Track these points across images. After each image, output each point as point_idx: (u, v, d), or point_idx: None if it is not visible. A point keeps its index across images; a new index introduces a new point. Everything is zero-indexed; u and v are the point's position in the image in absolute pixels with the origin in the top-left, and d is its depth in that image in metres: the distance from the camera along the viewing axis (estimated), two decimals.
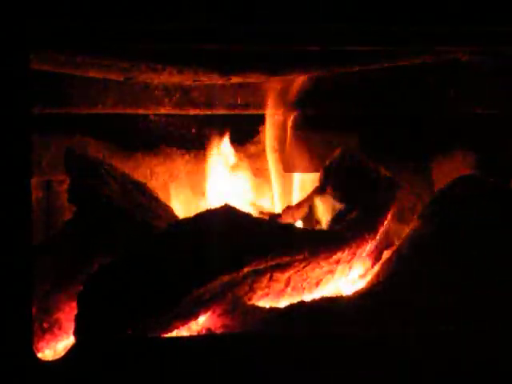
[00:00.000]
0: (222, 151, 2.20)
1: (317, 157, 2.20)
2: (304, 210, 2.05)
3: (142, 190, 2.03)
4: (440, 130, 2.32)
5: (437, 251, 1.87)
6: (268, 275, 1.78)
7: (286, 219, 2.02)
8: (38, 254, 1.78)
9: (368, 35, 1.71)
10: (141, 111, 2.25)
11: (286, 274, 1.80)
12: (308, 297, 1.84)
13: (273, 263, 1.77)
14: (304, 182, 2.17)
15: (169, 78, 1.98)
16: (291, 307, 1.76)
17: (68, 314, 1.78)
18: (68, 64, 1.88)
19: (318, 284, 1.88)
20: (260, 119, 2.28)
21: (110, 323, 1.64)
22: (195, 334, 1.73)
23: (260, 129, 2.30)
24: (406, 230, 1.98)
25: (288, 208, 2.06)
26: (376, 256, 2.01)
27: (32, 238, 1.64)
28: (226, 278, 1.71)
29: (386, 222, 2.00)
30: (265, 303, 1.80)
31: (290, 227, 1.89)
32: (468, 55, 2.06)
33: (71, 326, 1.67)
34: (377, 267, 1.95)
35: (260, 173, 2.31)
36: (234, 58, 1.89)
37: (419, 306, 1.76)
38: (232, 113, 2.29)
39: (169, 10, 1.65)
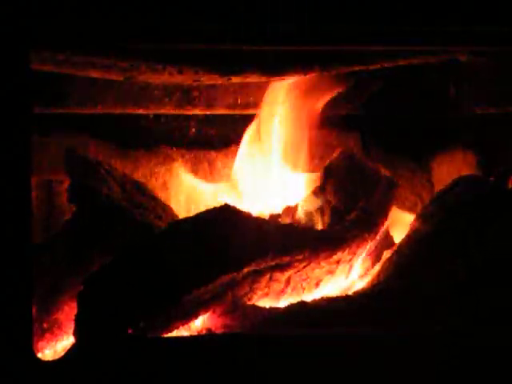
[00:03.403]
0: None
1: (317, 157, 2.20)
2: (304, 209, 2.05)
3: (141, 190, 2.03)
4: (440, 130, 2.32)
5: (437, 251, 1.87)
6: (268, 275, 1.78)
7: (286, 219, 2.02)
8: (38, 253, 1.78)
9: (368, 35, 1.71)
10: (141, 111, 2.25)
11: (286, 274, 1.80)
12: (308, 297, 1.84)
13: (273, 263, 1.77)
14: (304, 182, 2.16)
15: (169, 78, 1.98)
16: (291, 307, 1.76)
17: (68, 314, 1.78)
18: (68, 64, 1.88)
19: (317, 284, 1.88)
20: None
21: (110, 323, 1.64)
22: (195, 333, 1.74)
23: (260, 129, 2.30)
24: (406, 230, 1.98)
25: (288, 208, 2.06)
26: (376, 256, 2.01)
27: (32, 238, 1.64)
28: (225, 278, 1.71)
29: (385, 222, 2.00)
30: (265, 303, 1.80)
31: (290, 227, 1.89)
32: (468, 55, 2.06)
33: (71, 326, 1.67)
34: (377, 267, 1.96)
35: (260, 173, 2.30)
36: (234, 57, 1.89)
37: (419, 306, 1.76)
38: (232, 113, 2.29)
39: (169, 10, 1.65)
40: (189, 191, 2.26)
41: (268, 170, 2.23)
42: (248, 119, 2.28)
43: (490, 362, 1.67)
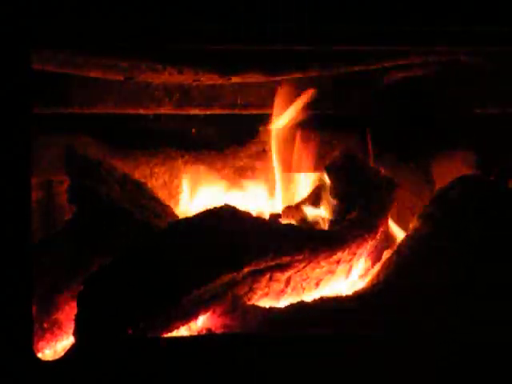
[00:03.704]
0: None
1: (317, 157, 2.20)
2: (304, 210, 2.05)
3: (142, 190, 2.03)
4: (440, 130, 2.32)
5: (437, 251, 1.87)
6: (268, 275, 1.78)
7: (286, 219, 2.02)
8: (37, 253, 1.78)
9: (368, 35, 1.71)
10: (141, 111, 2.25)
11: (286, 274, 1.80)
12: (308, 297, 1.84)
13: (273, 263, 1.77)
14: (304, 182, 2.16)
15: (169, 78, 1.98)
16: (291, 307, 1.76)
17: (68, 314, 1.78)
18: (68, 64, 1.88)
19: (317, 284, 1.88)
20: (260, 119, 2.28)
21: (110, 323, 1.64)
22: (195, 333, 1.74)
23: (260, 129, 2.30)
24: (406, 230, 1.98)
25: (288, 208, 2.06)
26: (376, 256, 2.01)
27: (32, 238, 1.64)
28: (225, 278, 1.71)
29: (386, 223, 2.00)
30: (265, 303, 1.80)
31: (290, 227, 1.89)
32: (468, 55, 2.06)
33: (71, 326, 1.67)
34: (377, 267, 1.96)
35: (260, 173, 2.31)
36: (233, 57, 1.89)
37: (419, 306, 1.76)
38: (232, 113, 2.29)
39: (169, 10, 1.65)
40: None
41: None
42: (248, 119, 2.28)
43: (490, 361, 1.67)
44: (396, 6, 1.69)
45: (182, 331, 1.73)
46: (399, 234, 2.06)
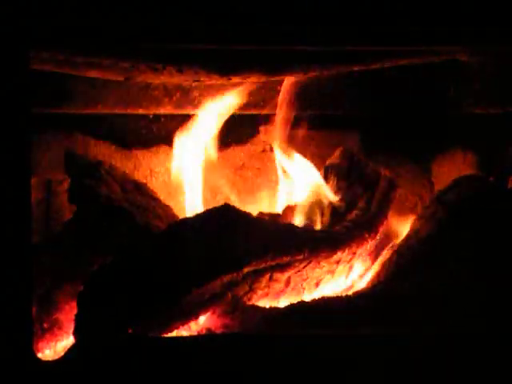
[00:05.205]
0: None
1: (317, 157, 2.20)
2: (304, 210, 2.05)
3: (141, 190, 2.03)
4: (440, 130, 2.32)
5: (436, 251, 1.87)
6: (268, 275, 1.78)
7: (286, 219, 2.02)
8: (37, 253, 1.79)
9: (368, 35, 1.71)
10: (141, 111, 2.25)
11: (286, 274, 1.81)
12: (308, 297, 1.84)
13: (273, 263, 1.77)
14: (304, 181, 2.16)
15: (169, 78, 1.97)
16: (291, 307, 1.76)
17: (68, 314, 1.78)
18: (68, 64, 1.88)
19: (317, 284, 1.88)
20: (260, 119, 2.28)
21: (110, 323, 1.64)
22: (195, 333, 1.74)
23: (260, 129, 2.30)
24: (406, 230, 1.98)
25: (288, 208, 2.06)
26: (376, 256, 2.01)
27: (32, 238, 1.64)
28: (226, 278, 1.71)
29: (385, 222, 2.00)
30: (265, 303, 1.80)
31: (290, 227, 1.89)
32: (468, 55, 2.06)
33: (71, 326, 1.67)
34: (377, 267, 1.96)
35: (260, 173, 2.30)
36: (233, 57, 1.89)
37: (419, 306, 1.76)
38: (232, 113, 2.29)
39: (169, 10, 1.65)
40: None
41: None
42: (248, 119, 2.28)
43: (490, 362, 1.67)
44: (396, 6, 1.69)
45: (182, 331, 1.74)
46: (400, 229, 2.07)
